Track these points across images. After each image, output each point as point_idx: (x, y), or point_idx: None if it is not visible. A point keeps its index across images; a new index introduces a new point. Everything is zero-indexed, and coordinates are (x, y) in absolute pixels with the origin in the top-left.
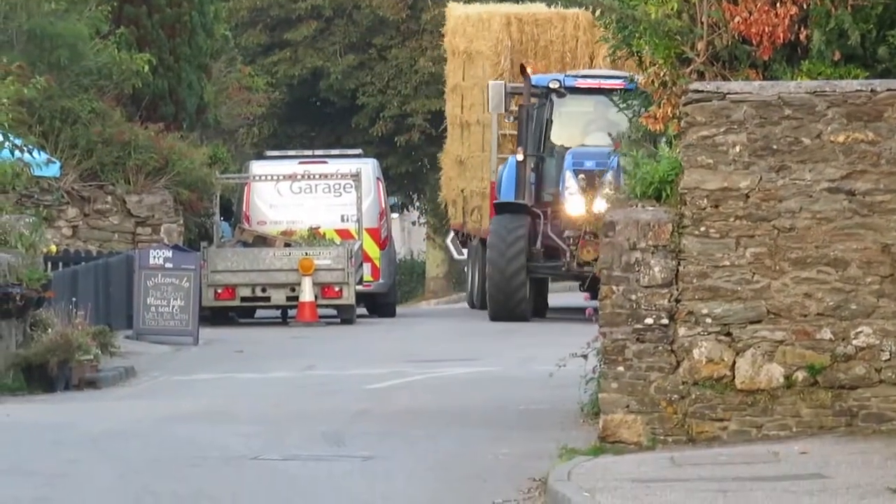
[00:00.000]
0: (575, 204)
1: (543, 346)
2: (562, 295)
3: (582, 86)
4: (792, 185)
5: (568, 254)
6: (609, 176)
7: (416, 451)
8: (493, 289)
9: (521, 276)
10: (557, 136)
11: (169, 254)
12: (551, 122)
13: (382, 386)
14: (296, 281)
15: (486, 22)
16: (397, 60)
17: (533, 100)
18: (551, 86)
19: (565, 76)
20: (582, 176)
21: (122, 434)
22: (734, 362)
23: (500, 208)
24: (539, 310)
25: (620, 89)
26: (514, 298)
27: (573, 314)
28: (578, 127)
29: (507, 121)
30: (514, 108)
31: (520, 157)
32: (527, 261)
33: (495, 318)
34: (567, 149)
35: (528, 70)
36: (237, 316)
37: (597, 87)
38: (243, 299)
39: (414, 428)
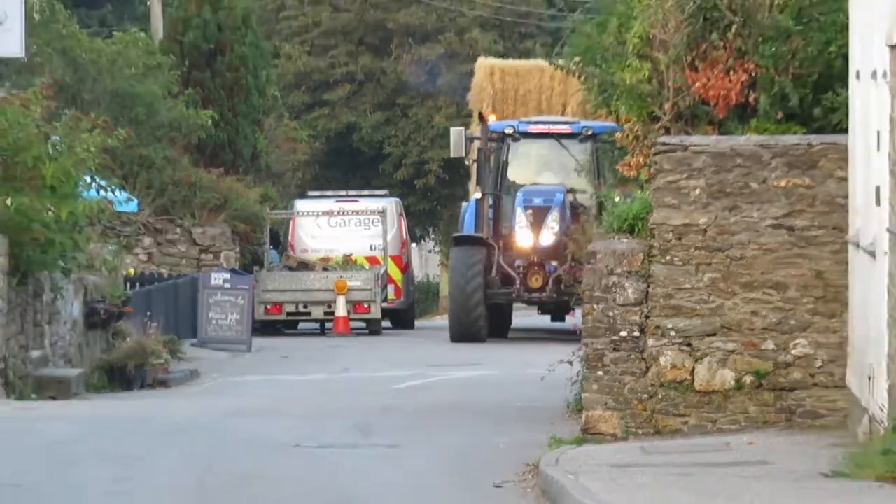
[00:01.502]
0: (524, 237)
1: (537, 354)
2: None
3: (534, 131)
4: (742, 221)
5: (518, 281)
6: (555, 211)
7: (434, 440)
8: (453, 313)
9: (479, 301)
10: (513, 176)
11: (227, 276)
12: (507, 163)
13: (405, 386)
14: (332, 299)
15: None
16: (417, 117)
17: (491, 143)
18: (507, 131)
19: (519, 122)
20: (530, 211)
21: (189, 425)
22: (693, 368)
23: (459, 241)
24: (501, 330)
25: (568, 134)
26: (473, 321)
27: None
28: (532, 168)
29: (466, 163)
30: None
31: (478, 195)
32: (485, 288)
33: (455, 339)
34: (521, 187)
35: (487, 117)
36: (283, 328)
37: (547, 131)
38: (288, 314)
39: (432, 421)
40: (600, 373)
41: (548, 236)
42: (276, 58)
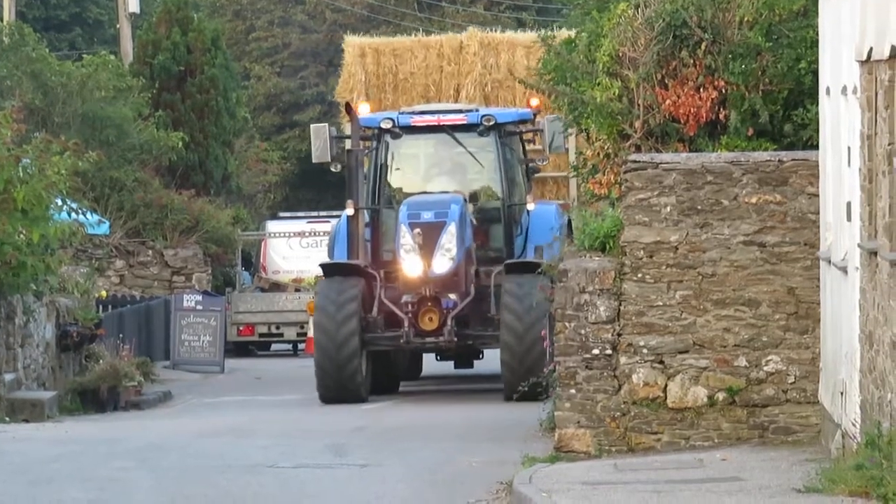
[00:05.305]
0: (412, 264)
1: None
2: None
3: (419, 123)
4: (713, 238)
5: (406, 322)
6: (451, 228)
7: (405, 459)
8: (321, 367)
9: (354, 344)
10: (395, 184)
11: (200, 298)
12: (386, 167)
13: (375, 406)
14: (304, 320)
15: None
16: None
17: (365, 143)
18: (383, 126)
19: (399, 113)
20: (418, 230)
21: (162, 447)
22: (666, 385)
23: (329, 270)
24: (388, 384)
25: (464, 125)
26: (347, 371)
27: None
28: (419, 172)
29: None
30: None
31: (350, 210)
32: (363, 331)
33: (326, 397)
34: (406, 197)
35: (356, 108)
36: (256, 349)
37: (437, 123)
38: (261, 335)
39: (403, 440)
40: (573, 391)
41: (442, 262)
42: (246, 79)
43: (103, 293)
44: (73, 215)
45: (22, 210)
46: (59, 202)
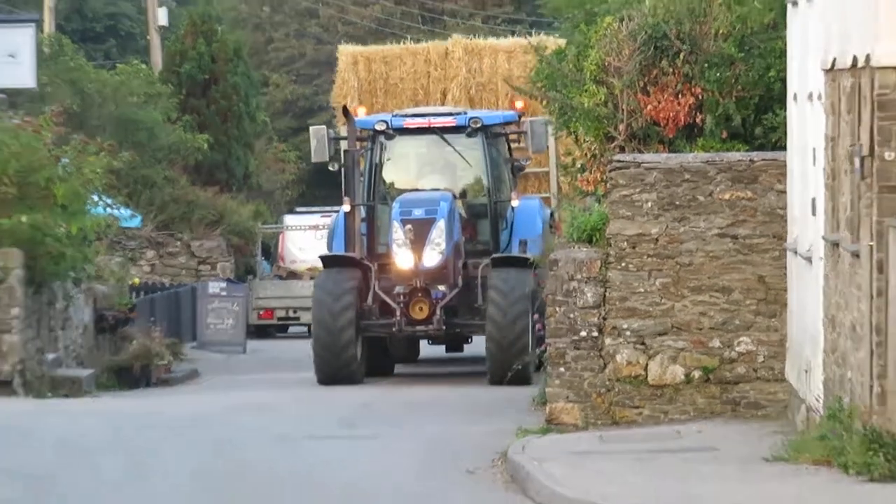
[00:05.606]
0: (403, 257)
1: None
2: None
3: (411, 125)
4: (690, 231)
5: (398, 311)
6: (440, 224)
7: (410, 432)
8: (319, 346)
9: (350, 333)
10: (389, 182)
11: (223, 285)
12: (381, 166)
13: (383, 382)
14: None
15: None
16: None
17: (361, 144)
18: (378, 128)
19: (392, 116)
20: (409, 226)
21: (191, 420)
22: (647, 364)
23: (327, 262)
24: (383, 367)
25: (452, 127)
26: (343, 358)
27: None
28: (411, 171)
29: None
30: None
31: (346, 207)
32: (359, 318)
33: (323, 380)
34: (399, 194)
35: (355, 111)
36: (275, 331)
37: (427, 125)
38: (279, 319)
39: (407, 415)
40: (562, 369)
41: (432, 256)
42: (265, 86)
43: (136, 280)
44: (108, 210)
45: (62, 205)
46: (96, 198)
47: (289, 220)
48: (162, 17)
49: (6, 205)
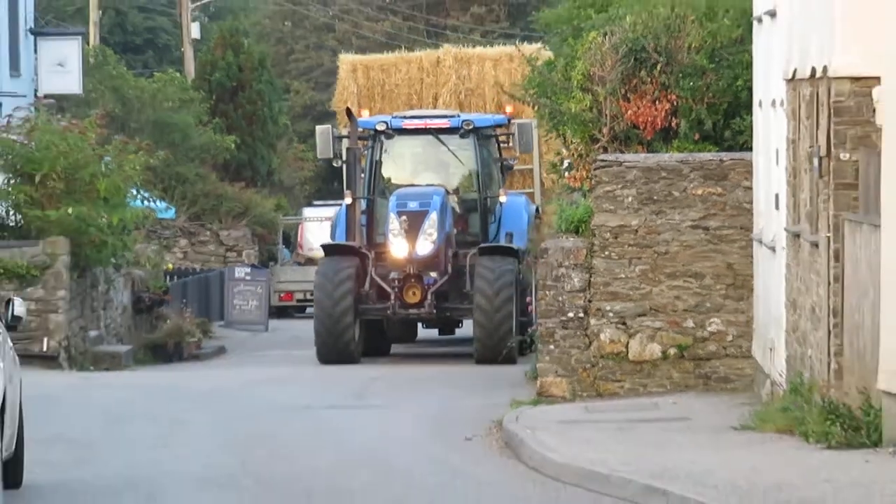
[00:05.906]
0: (398, 246)
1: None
2: None
3: (409, 126)
4: (667, 223)
5: (393, 296)
6: (433, 216)
7: (414, 403)
8: (319, 329)
9: (349, 318)
10: (387, 177)
11: (248, 270)
12: (380, 163)
13: (391, 359)
14: None
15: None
16: None
17: (362, 142)
18: (378, 128)
19: (392, 117)
20: (405, 217)
21: (218, 392)
22: (628, 343)
23: (328, 250)
24: (380, 348)
25: (447, 128)
26: (342, 340)
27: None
28: (408, 167)
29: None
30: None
31: (348, 200)
32: (357, 302)
33: (323, 359)
34: (396, 189)
35: (359, 113)
36: (294, 312)
37: (424, 126)
38: (298, 301)
39: (412, 389)
40: (552, 347)
41: (424, 245)
42: (286, 93)
43: (170, 266)
44: (146, 203)
45: (104, 198)
46: (134, 192)
47: (307, 212)
48: (195, 31)
49: (55, 198)
